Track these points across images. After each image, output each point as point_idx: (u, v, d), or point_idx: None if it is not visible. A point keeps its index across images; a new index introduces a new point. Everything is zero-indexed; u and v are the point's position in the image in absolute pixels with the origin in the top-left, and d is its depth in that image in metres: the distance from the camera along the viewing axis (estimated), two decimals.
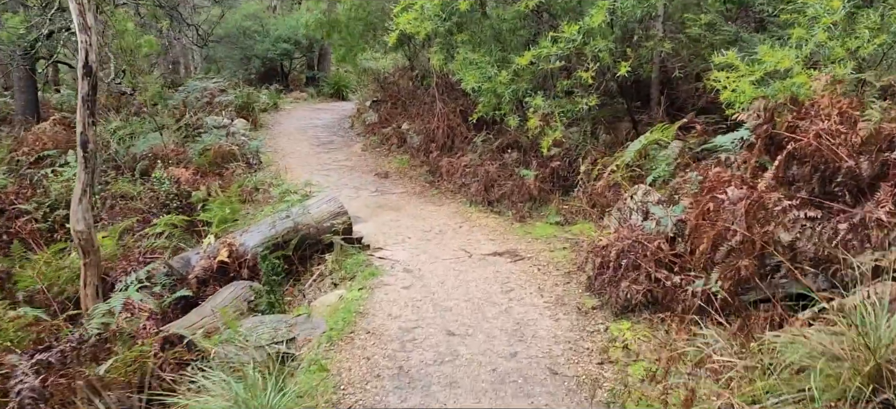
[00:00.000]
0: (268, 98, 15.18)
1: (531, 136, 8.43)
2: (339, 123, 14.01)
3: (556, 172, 8.21)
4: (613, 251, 4.55)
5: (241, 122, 12.00)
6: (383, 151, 11.63)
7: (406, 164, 10.77)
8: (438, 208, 8.51)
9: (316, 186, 8.96)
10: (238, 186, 8.74)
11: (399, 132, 11.79)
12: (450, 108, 11.51)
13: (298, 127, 13.34)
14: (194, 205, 7.79)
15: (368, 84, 15.38)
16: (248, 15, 17.78)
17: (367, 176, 10.17)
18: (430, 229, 7.50)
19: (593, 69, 7.73)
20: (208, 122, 11.55)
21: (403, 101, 13.05)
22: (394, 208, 8.45)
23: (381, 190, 9.40)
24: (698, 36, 8.59)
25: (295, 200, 7.05)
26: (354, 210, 8.16)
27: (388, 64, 17.38)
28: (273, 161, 10.68)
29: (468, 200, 8.69)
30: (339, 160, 11.09)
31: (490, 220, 7.88)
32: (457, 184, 9.30)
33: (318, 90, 19.03)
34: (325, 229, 6.53)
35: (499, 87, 8.37)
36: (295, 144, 11.97)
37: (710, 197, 4.02)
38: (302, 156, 11.18)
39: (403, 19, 8.53)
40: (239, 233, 6.31)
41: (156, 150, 8.75)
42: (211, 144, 9.35)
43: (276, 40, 17.71)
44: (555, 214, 7.71)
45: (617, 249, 4.52)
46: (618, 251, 4.49)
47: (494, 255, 6.38)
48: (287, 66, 19.48)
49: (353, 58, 13.12)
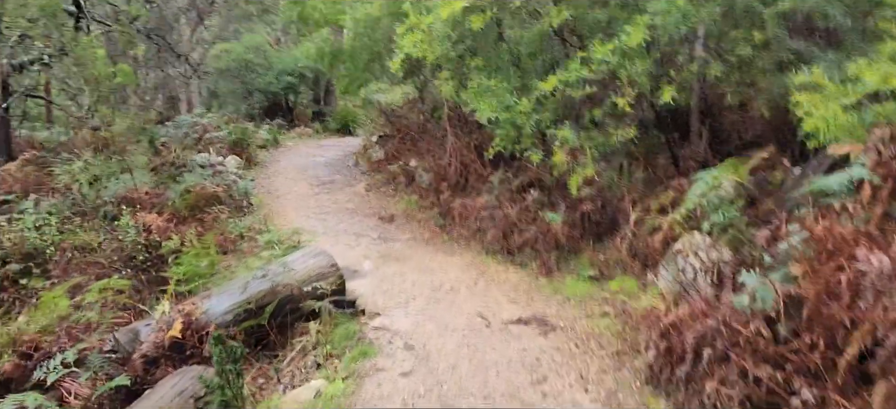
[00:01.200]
0: (268, 134, 14.18)
1: (557, 174, 7.25)
2: (342, 161, 12.93)
3: (587, 217, 6.98)
4: (689, 335, 3.30)
5: (234, 160, 10.96)
6: (389, 192, 10.49)
7: (414, 205, 9.61)
8: (450, 259, 7.30)
9: (307, 234, 7.81)
10: (220, 234, 7.61)
11: (407, 170, 10.66)
12: (463, 142, 10.38)
13: (298, 165, 12.27)
14: (165, 257, 6.66)
15: (375, 118, 14.34)
16: (250, 47, 16.93)
17: (370, 220, 9.01)
18: (440, 285, 6.28)
19: (631, 96, 6.57)
20: (197, 160, 10.50)
21: (412, 136, 11.96)
22: (398, 259, 7.25)
23: (384, 237, 8.22)
24: (750, 57, 7.40)
25: (275, 254, 5.89)
26: (351, 262, 6.98)
27: (398, 97, 16.39)
28: (265, 203, 9.57)
29: (484, 248, 7.49)
30: (340, 202, 9.96)
31: (511, 273, 6.65)
32: (471, 229, 8.11)
33: (324, 125, 18.06)
34: (312, 290, 5.34)
35: (518, 117, 7.23)
36: (292, 183, 10.88)
37: (836, 265, 2.79)
38: (298, 197, 10.07)
39: (408, 41, 7.47)
40: (202, 297, 5.13)
41: (130, 192, 7.67)
42: (193, 184, 8.26)
43: (280, 74, 16.81)
44: (588, 266, 6.47)
45: (694, 332, 3.28)
46: (696, 336, 3.24)
47: (519, 323, 5.14)
48: (292, 100, 18.56)
49: (357, 90, 12.10)
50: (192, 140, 10.61)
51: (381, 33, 11.48)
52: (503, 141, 7.56)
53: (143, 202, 7.56)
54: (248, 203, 9.25)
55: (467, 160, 10.13)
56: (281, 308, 5.19)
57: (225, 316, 4.99)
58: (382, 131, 13.41)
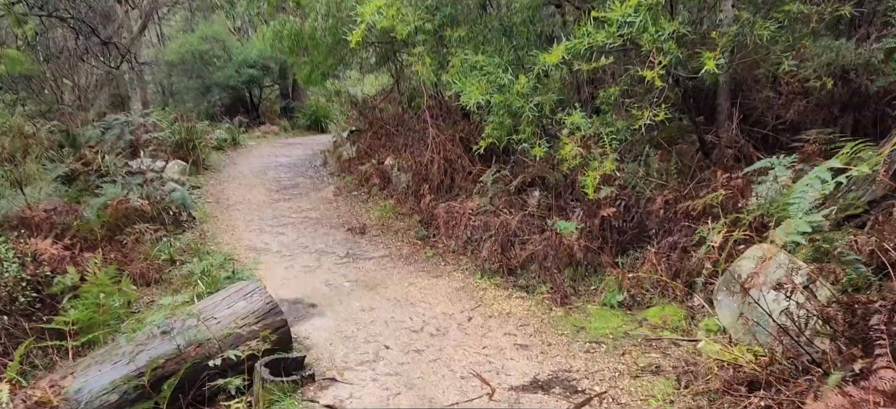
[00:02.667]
0: (226, 134, 12.51)
1: (566, 169, 5.75)
2: (309, 161, 11.31)
3: (608, 223, 5.46)
4: None
5: (178, 164, 9.30)
6: (361, 196, 8.91)
7: (390, 212, 8.04)
8: (435, 282, 5.75)
9: (254, 255, 6.20)
10: (143, 260, 5.99)
11: (381, 170, 9.08)
12: (446, 135, 8.83)
13: (257, 168, 10.63)
14: (58, 297, 5.03)
15: (346, 111, 12.75)
16: (206, 37, 15.20)
17: (337, 232, 7.43)
18: (422, 325, 4.73)
19: (663, 65, 5.06)
20: (131, 165, 8.84)
21: (387, 130, 10.38)
22: (369, 286, 5.69)
23: (353, 254, 6.64)
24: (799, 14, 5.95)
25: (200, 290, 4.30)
26: (308, 292, 5.41)
27: (373, 86, 14.78)
28: (211, 216, 7.94)
29: (478, 266, 5.95)
30: (303, 210, 8.36)
31: (514, 302, 5.11)
32: (460, 240, 6.57)
33: (292, 122, 16.40)
34: (238, 343, 3.76)
35: (515, 100, 5.70)
36: (246, 190, 9.25)
37: None
38: (253, 207, 8.45)
39: (370, 9, 5.88)
40: (71, 371, 3.53)
41: (22, 212, 6.01)
42: (112, 197, 6.62)
43: (240, 66, 15.11)
44: (614, 289, 4.95)
45: None
46: None
47: (535, 388, 3.60)
48: (256, 95, 16.87)
49: (321, 80, 10.48)
50: (125, 143, 8.94)
51: (348, 12, 9.88)
52: (496, 131, 6.02)
53: (39, 224, 5.91)
54: (188, 217, 7.62)
55: (452, 156, 8.59)
56: (192, 377, 3.61)
57: (105, 397, 3.40)
58: (354, 126, 11.81)
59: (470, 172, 8.36)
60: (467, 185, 8.29)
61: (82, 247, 5.87)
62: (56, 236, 5.86)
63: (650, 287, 4.91)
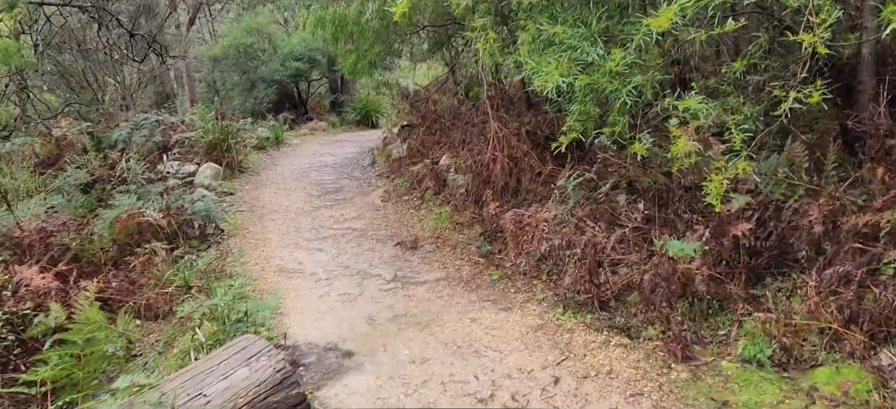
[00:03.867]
0: (269, 132, 11.58)
1: (675, 171, 4.40)
2: (356, 160, 10.23)
3: (740, 244, 4.06)
4: None
5: (211, 168, 8.36)
6: (413, 201, 7.73)
7: (447, 221, 6.83)
8: (504, 318, 4.50)
9: (283, 280, 5.10)
10: (155, 287, 4.99)
11: (435, 171, 7.88)
12: (510, 129, 7.56)
13: (298, 169, 9.61)
14: (40, 341, 4.06)
15: (397, 105, 11.62)
16: (250, 30, 14.37)
17: (384, 248, 6.27)
18: (490, 390, 3.49)
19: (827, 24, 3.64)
20: (163, 170, 7.96)
21: (442, 124, 9.17)
22: (421, 322, 4.49)
23: (402, 277, 5.46)
24: None
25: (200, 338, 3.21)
26: (344, 333, 4.27)
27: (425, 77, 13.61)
28: (241, 228, 6.92)
29: (559, 296, 4.67)
30: (346, 219, 7.25)
31: (614, 353, 3.81)
32: (532, 259, 5.30)
33: (341, 117, 15.42)
34: None
35: (606, 83, 4.38)
36: (285, 195, 8.22)
37: None
38: (290, 215, 7.40)
39: None
40: None
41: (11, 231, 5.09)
42: (126, 210, 5.67)
43: (286, 59, 14.20)
44: (760, 338, 3.57)
45: None
46: None
47: None
48: (304, 90, 15.97)
49: (367, 70, 9.35)
50: (153, 145, 8.06)
51: None
52: (580, 123, 4.70)
53: (31, 246, 4.98)
54: (214, 230, 6.63)
55: (517, 153, 7.31)
56: None
57: None
58: (405, 120, 10.66)
59: (539, 173, 7.07)
60: (536, 188, 7.01)
61: (81, 273, 4.91)
62: (51, 259, 4.91)
63: (808, 334, 3.51)
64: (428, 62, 12.53)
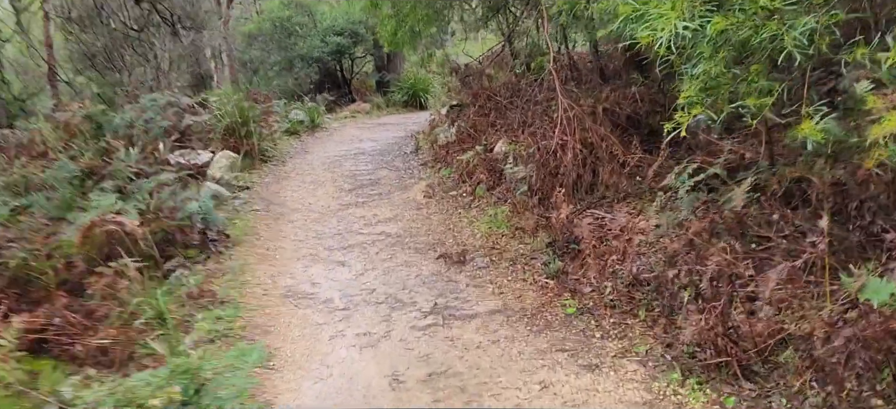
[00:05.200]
0: (304, 114, 10.37)
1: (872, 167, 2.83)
2: (398, 146, 8.87)
3: None
4: None
5: (227, 157, 7.17)
6: (462, 197, 6.32)
7: (503, 225, 5.39)
8: (590, 385, 3.06)
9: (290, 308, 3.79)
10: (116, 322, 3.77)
11: (489, 160, 6.43)
12: (584, 107, 6.07)
13: (332, 157, 8.33)
14: None
15: (446, 81, 10.18)
16: (289, 2, 13.17)
17: (423, 262, 4.89)
18: None
19: None
20: (171, 159, 6.82)
21: (497, 103, 7.69)
22: (466, 390, 3.10)
23: (444, 307, 4.07)
24: None
25: None
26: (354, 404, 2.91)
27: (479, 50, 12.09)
28: (252, 232, 5.67)
29: (671, 350, 3.18)
30: (380, 220, 5.90)
31: None
32: (620, 285, 3.83)
33: (387, 98, 14.10)
34: None
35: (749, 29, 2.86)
36: (311, 190, 6.94)
37: None
38: (313, 216, 6.11)
39: None
40: None
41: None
42: (98, 214, 4.49)
43: (326, 34, 12.94)
44: None
45: None
46: None
47: None
48: (347, 68, 14.71)
49: (408, 38, 7.94)
50: (160, 130, 6.92)
51: None
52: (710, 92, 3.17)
53: None
54: (218, 235, 5.40)
55: (593, 138, 5.82)
56: None
57: None
58: (455, 100, 9.23)
59: (623, 164, 5.55)
60: (619, 182, 5.50)
61: (17, 302, 3.72)
62: None
63: None
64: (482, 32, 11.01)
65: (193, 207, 5.03)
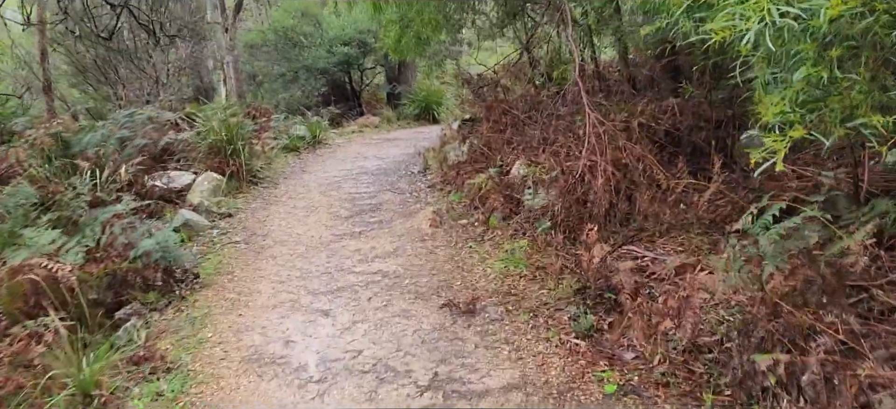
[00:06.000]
0: (305, 129, 9.58)
1: None
2: (405, 165, 8.04)
3: None
4: None
5: (210, 179, 6.38)
6: (473, 227, 5.44)
7: (521, 263, 4.51)
8: None
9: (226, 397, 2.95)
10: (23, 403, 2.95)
11: (506, 184, 5.56)
12: (616, 122, 5.20)
13: (331, 177, 7.51)
14: None
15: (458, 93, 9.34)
16: (293, 11, 12.45)
17: (424, 312, 4.02)
18: None
19: None
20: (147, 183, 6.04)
21: (514, 118, 6.83)
22: None
23: (446, 380, 3.19)
24: None
25: None
26: None
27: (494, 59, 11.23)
28: (225, 270, 4.85)
29: None
30: (377, 255, 5.04)
31: None
32: (674, 359, 2.92)
33: (397, 111, 13.32)
34: None
35: None
36: (302, 217, 6.11)
37: None
38: (300, 249, 5.27)
39: None
40: None
41: None
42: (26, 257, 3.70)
43: (333, 43, 12.19)
44: None
45: None
46: None
47: None
48: (357, 80, 13.95)
49: (415, 45, 7.12)
50: (134, 150, 6.15)
51: None
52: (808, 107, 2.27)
53: None
54: (185, 274, 4.58)
55: (628, 159, 4.93)
56: None
57: None
58: (468, 114, 8.39)
59: (666, 190, 4.66)
60: (661, 212, 4.63)
61: None
62: None
63: None
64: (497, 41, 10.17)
65: (148, 244, 4.21)
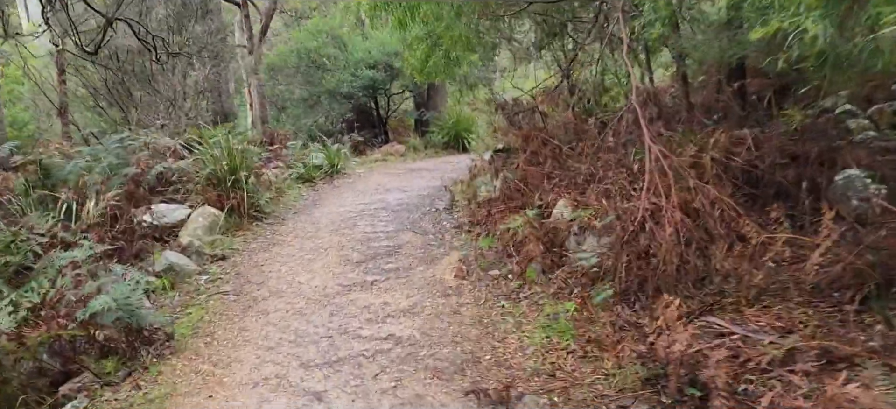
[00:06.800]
0: (323, 158, 8.83)
1: None
2: (430, 201, 7.17)
3: None
4: None
5: (206, 214, 5.61)
6: (507, 282, 4.51)
7: (568, 334, 3.56)
8: None
9: None
10: None
11: (546, 229, 4.63)
12: (684, 156, 4.27)
13: (345, 214, 6.69)
14: None
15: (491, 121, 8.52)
16: (316, 32, 11.82)
17: (445, 397, 3.10)
18: None
19: None
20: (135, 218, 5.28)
21: (555, 150, 5.92)
22: None
23: None
24: None
25: None
26: None
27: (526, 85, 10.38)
28: (204, 331, 4.01)
29: None
30: (391, 315, 4.15)
31: None
32: None
33: (425, 139, 12.52)
34: None
35: None
36: (307, 262, 5.27)
37: None
38: (299, 303, 4.41)
39: None
40: None
41: None
42: None
43: (357, 66, 11.48)
44: None
45: None
46: None
47: None
48: (383, 105, 13.22)
49: (445, 67, 6.31)
50: (118, 181, 5.42)
51: None
52: None
53: None
54: (154, 333, 3.76)
55: (701, 202, 4.00)
56: None
57: None
58: (502, 144, 7.50)
59: (754, 245, 3.70)
60: (747, 272, 3.67)
61: None
62: None
63: None
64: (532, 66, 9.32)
65: (103, 302, 3.39)
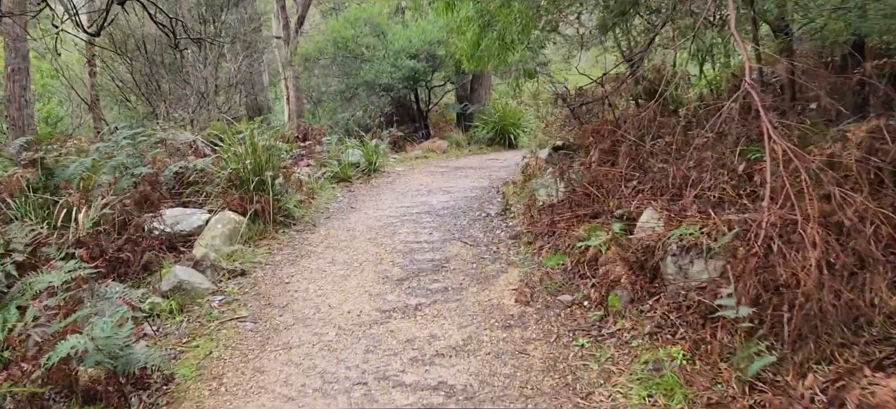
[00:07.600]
0: (359, 155, 8.07)
1: None
2: (479, 204, 6.32)
3: None
4: None
5: (226, 220, 4.89)
6: (584, 311, 3.63)
7: (675, 391, 2.65)
8: None
9: None
10: None
11: (632, 246, 3.72)
12: (820, 155, 3.27)
13: (383, 219, 5.90)
14: None
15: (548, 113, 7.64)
16: (353, 20, 11.07)
17: None
18: None
19: None
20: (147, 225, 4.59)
21: (632, 148, 4.98)
22: None
23: None
24: None
25: None
26: None
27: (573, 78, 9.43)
28: (213, 372, 3.24)
29: None
30: (440, 351, 3.32)
31: None
32: None
33: (468, 134, 11.66)
34: None
35: None
36: (340, 280, 4.48)
37: None
38: (330, 335, 3.63)
39: None
40: None
41: None
42: None
43: (397, 57, 10.69)
44: None
45: None
46: None
47: None
48: (424, 98, 12.41)
49: (498, 52, 5.45)
50: (129, 182, 4.74)
51: None
52: None
53: None
54: (150, 380, 3.02)
55: (846, 216, 3.01)
56: None
57: None
58: (560, 140, 6.60)
59: None
60: None
61: None
62: None
63: None
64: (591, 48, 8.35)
65: (75, 343, 2.64)
